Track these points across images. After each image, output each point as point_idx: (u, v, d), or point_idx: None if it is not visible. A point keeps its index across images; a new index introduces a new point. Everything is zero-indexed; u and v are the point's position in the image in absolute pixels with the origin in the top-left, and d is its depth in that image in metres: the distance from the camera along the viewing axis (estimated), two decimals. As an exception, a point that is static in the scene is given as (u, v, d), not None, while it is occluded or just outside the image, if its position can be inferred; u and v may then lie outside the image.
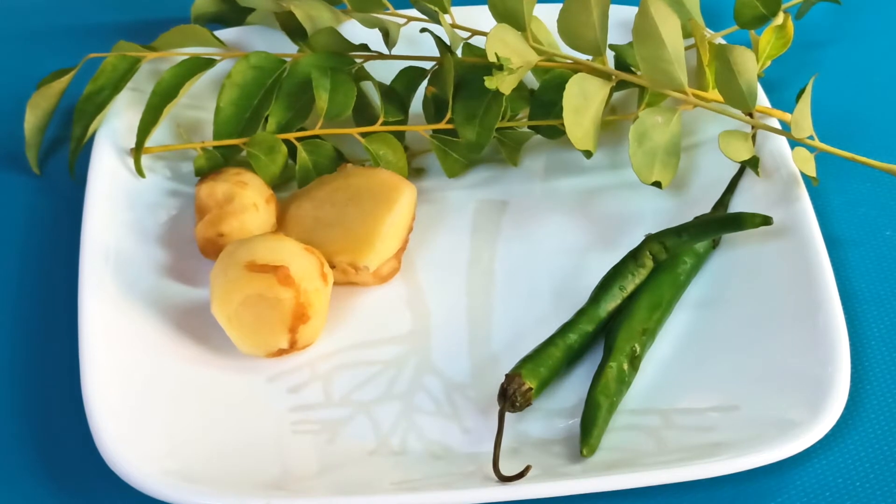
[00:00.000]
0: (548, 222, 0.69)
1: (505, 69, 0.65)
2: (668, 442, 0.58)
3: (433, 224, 0.69)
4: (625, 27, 0.70)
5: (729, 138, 0.67)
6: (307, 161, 0.69)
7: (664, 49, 0.65)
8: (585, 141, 0.67)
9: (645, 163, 0.67)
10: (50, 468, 0.59)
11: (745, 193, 0.68)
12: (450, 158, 0.71)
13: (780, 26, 0.71)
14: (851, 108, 0.76)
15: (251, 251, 0.61)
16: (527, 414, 0.60)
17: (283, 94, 0.71)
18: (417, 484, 0.57)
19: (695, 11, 0.71)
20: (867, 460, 0.59)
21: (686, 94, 0.67)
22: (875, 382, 0.62)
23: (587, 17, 0.67)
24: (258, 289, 0.61)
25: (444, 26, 0.69)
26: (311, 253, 0.63)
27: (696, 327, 0.63)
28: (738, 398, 0.59)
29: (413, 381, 0.62)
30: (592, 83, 0.67)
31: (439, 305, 0.65)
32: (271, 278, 0.61)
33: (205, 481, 0.56)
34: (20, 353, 0.64)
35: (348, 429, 0.60)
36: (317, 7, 0.74)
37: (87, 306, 0.62)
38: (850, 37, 0.81)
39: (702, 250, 0.65)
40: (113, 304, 0.63)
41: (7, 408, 0.62)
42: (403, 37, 0.73)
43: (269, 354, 0.62)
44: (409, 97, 0.72)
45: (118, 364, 0.60)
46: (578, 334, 0.62)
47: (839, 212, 0.70)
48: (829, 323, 0.60)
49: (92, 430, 0.57)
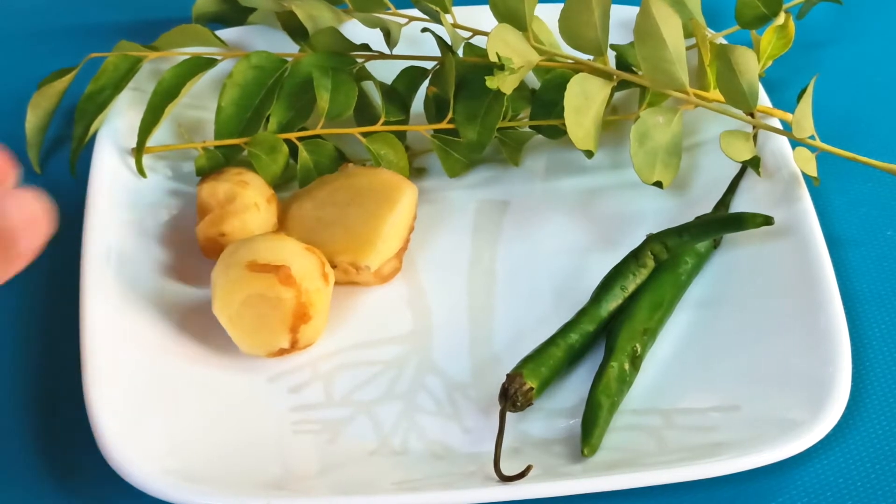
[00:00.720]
0: (549, 222, 0.69)
1: (506, 69, 0.65)
2: (669, 442, 0.58)
3: (434, 224, 0.69)
4: (625, 27, 0.70)
5: (730, 138, 0.67)
6: (308, 161, 0.69)
7: (665, 49, 0.65)
8: (587, 141, 0.67)
9: (646, 163, 0.67)
10: (52, 467, 0.60)
11: (746, 193, 0.68)
12: (451, 158, 0.71)
13: (781, 26, 0.71)
14: (852, 109, 0.76)
15: (252, 251, 0.61)
16: (528, 414, 0.60)
17: (284, 94, 0.71)
18: (418, 484, 0.57)
19: (696, 11, 0.71)
20: (868, 460, 0.59)
21: (687, 94, 0.67)
22: (876, 382, 0.62)
23: (588, 16, 0.67)
24: (259, 288, 0.61)
25: (445, 26, 0.69)
26: (312, 253, 0.63)
27: (698, 327, 0.63)
28: (738, 398, 0.59)
29: (414, 381, 0.62)
30: (594, 83, 0.67)
31: (440, 305, 0.65)
32: (272, 278, 0.61)
33: (205, 481, 0.56)
34: (22, 353, 0.64)
35: (349, 429, 0.60)
36: (318, 7, 0.74)
37: (88, 305, 0.62)
38: (851, 37, 0.81)
39: (703, 250, 0.65)
40: (114, 304, 0.63)
41: (9, 407, 0.62)
42: (404, 37, 0.73)
43: (270, 354, 0.62)
44: (410, 97, 0.72)
45: (119, 363, 0.60)
46: (580, 334, 0.62)
47: (840, 212, 0.70)
48: (830, 323, 0.60)
49: (93, 429, 0.57)
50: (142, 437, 0.57)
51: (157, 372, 0.61)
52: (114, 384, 0.59)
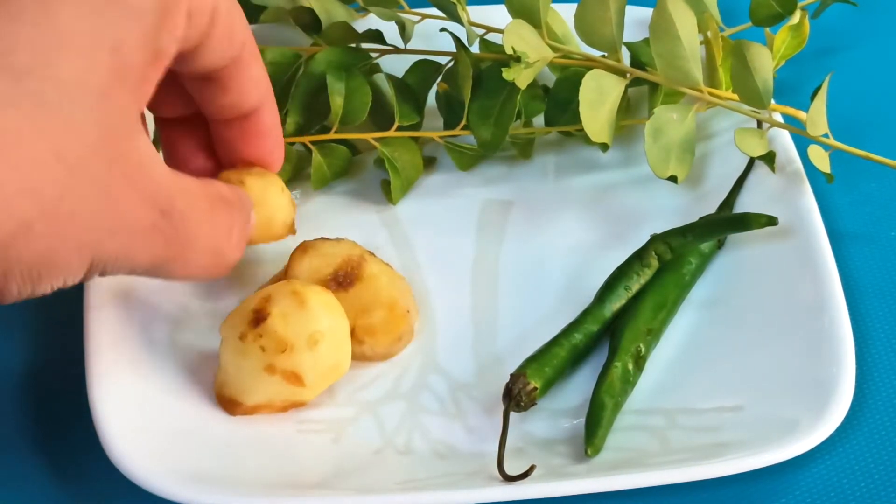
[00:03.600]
0: (554, 221, 0.69)
1: (522, 62, 0.65)
2: (673, 442, 0.59)
3: (439, 222, 0.69)
4: (638, 26, 0.71)
5: (744, 134, 0.67)
6: (322, 164, 0.69)
7: (680, 45, 0.65)
8: (601, 134, 0.67)
9: (661, 158, 0.67)
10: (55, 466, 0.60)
11: (750, 193, 0.68)
12: (463, 155, 0.71)
13: (795, 26, 0.70)
14: (860, 109, 0.75)
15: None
16: (531, 414, 0.60)
17: (300, 94, 0.70)
18: (422, 483, 0.57)
19: (711, 7, 0.70)
20: (872, 461, 0.59)
21: (701, 90, 0.67)
22: (880, 383, 0.62)
23: (604, 12, 0.67)
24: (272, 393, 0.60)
25: (462, 17, 0.68)
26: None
27: (701, 327, 0.63)
28: (742, 398, 0.60)
29: (418, 381, 0.62)
30: (608, 79, 0.67)
31: (444, 305, 0.66)
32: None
33: (210, 480, 0.56)
34: (26, 352, 0.65)
35: (353, 428, 0.60)
36: (332, 2, 0.74)
37: (92, 303, 0.62)
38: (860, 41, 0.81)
39: (707, 251, 0.65)
40: (119, 302, 0.63)
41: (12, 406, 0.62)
42: (416, 34, 0.73)
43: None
44: (423, 94, 0.72)
45: (124, 362, 0.60)
46: (583, 334, 0.62)
47: (845, 211, 0.70)
48: (834, 324, 0.60)
49: (97, 427, 0.57)
50: (146, 436, 0.57)
51: (162, 371, 0.61)
52: (118, 383, 0.59)
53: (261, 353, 0.58)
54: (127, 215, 0.49)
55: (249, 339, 0.58)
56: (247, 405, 0.59)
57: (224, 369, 0.60)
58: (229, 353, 0.59)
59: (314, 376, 0.59)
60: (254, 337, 0.58)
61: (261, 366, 0.58)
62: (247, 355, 0.58)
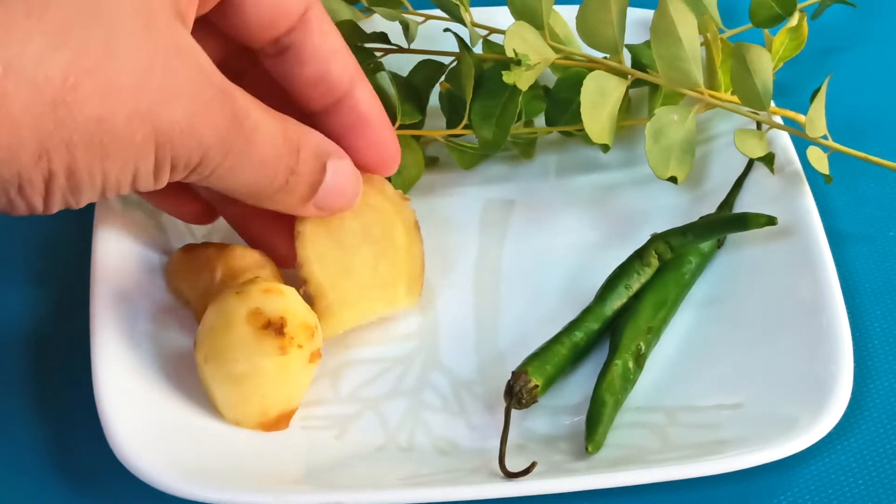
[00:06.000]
0: (556, 220, 0.70)
1: (523, 65, 0.66)
2: (673, 439, 0.59)
3: (442, 220, 0.70)
4: (639, 28, 0.71)
5: (744, 136, 0.67)
6: None
7: (681, 47, 0.66)
8: (602, 135, 0.67)
9: (661, 159, 0.67)
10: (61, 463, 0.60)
11: (749, 193, 0.68)
12: (465, 154, 0.71)
13: (794, 28, 0.71)
14: (859, 111, 0.76)
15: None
16: (533, 411, 0.61)
17: None
18: (424, 479, 0.58)
19: (711, 9, 0.71)
20: (870, 459, 0.60)
21: (701, 92, 0.67)
22: (878, 381, 0.63)
23: (606, 14, 0.67)
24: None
25: (465, 17, 0.69)
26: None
27: (701, 326, 0.64)
28: (741, 396, 0.60)
29: (420, 378, 0.63)
30: (609, 80, 0.68)
31: (447, 303, 0.66)
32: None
33: (213, 476, 0.56)
34: (32, 351, 0.65)
35: (356, 425, 0.61)
36: (337, 2, 0.74)
37: (98, 302, 0.62)
38: (860, 42, 0.81)
39: (707, 250, 0.66)
40: (125, 301, 0.63)
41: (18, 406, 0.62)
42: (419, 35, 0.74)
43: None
44: (426, 94, 0.72)
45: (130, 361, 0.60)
46: (584, 332, 0.62)
47: (844, 211, 0.70)
48: (833, 322, 0.60)
49: (103, 424, 0.57)
50: (150, 433, 0.58)
51: (167, 368, 0.61)
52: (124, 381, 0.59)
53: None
54: (183, 81, 0.45)
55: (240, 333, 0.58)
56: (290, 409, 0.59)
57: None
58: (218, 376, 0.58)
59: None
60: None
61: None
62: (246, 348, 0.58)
